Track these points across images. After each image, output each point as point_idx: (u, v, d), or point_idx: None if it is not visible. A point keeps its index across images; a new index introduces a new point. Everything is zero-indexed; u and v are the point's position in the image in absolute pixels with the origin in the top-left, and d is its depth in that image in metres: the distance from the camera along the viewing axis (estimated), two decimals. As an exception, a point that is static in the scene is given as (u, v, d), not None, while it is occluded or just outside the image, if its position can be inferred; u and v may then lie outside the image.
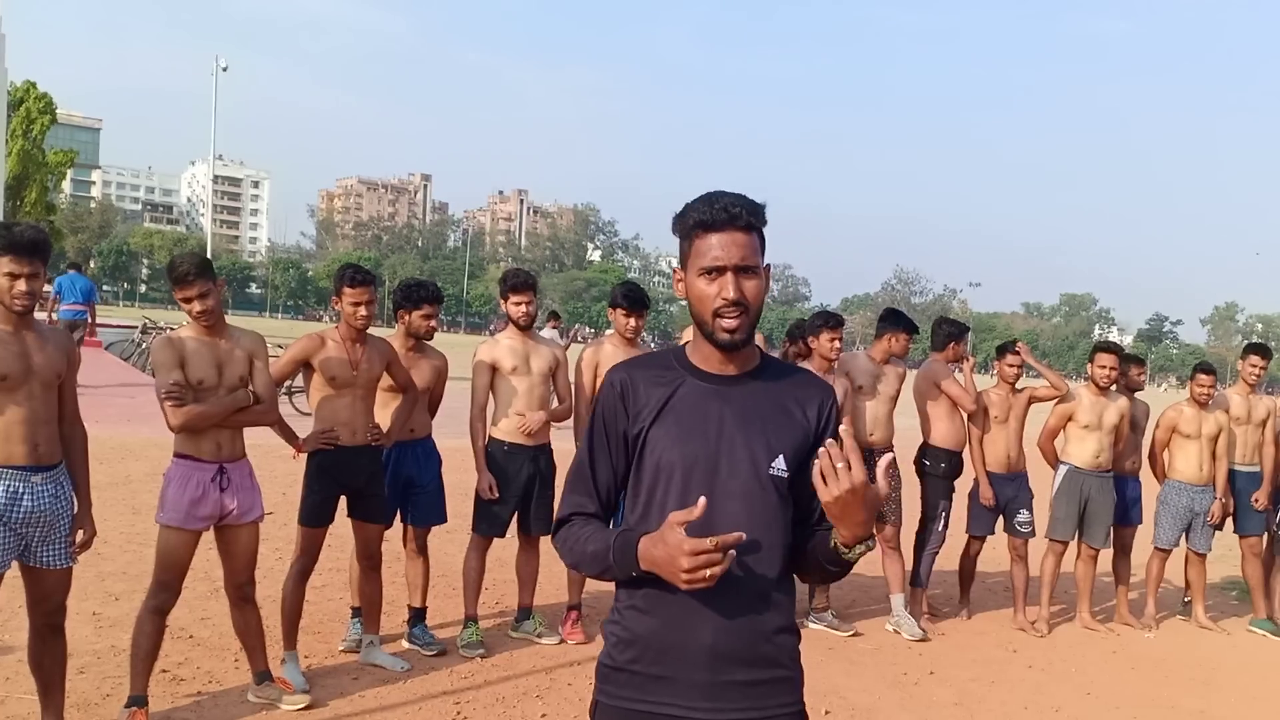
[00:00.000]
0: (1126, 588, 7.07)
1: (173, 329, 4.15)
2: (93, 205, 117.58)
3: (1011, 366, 6.67)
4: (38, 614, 3.59)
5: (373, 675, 4.72)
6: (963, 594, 6.88)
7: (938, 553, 6.50)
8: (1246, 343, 8.00)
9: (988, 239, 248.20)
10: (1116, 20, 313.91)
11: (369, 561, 4.89)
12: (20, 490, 3.37)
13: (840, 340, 6.02)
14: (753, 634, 1.90)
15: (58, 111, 49.19)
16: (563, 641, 5.43)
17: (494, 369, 5.26)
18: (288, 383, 4.56)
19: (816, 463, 1.70)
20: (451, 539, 6.69)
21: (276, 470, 8.15)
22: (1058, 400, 6.76)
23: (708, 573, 1.71)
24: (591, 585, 5.78)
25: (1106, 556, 6.95)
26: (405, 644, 5.16)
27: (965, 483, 6.59)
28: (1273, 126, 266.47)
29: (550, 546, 2.25)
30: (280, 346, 7.91)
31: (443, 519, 5.35)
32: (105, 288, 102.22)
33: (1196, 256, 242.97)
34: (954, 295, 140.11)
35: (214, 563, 4.57)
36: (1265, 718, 5.43)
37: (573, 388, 5.51)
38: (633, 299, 5.50)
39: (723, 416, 1.93)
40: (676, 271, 2.00)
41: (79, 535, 3.61)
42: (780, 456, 1.92)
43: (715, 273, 1.88)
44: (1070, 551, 6.80)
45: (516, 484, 5.24)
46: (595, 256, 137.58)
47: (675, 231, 1.96)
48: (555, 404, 5.49)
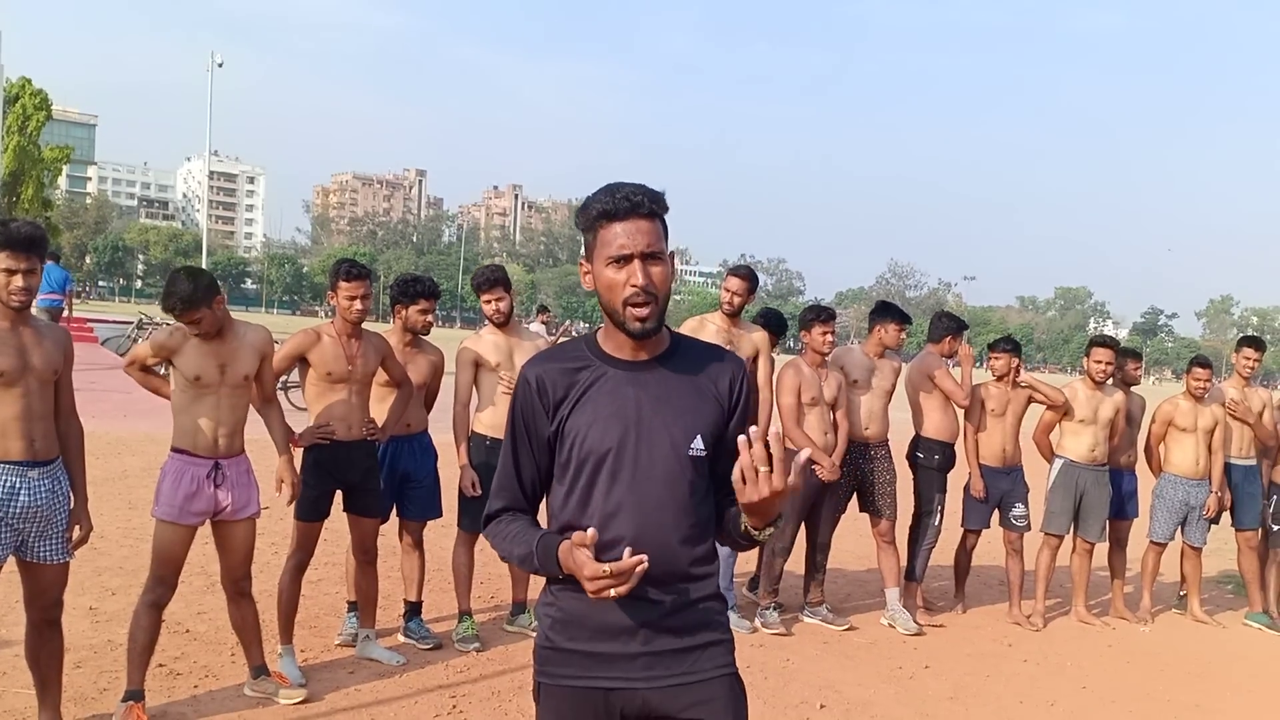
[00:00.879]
0: (1122, 582, 7.08)
1: (169, 324, 4.15)
2: (88, 201, 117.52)
3: (999, 359, 6.66)
4: (34, 609, 3.59)
5: (369, 669, 4.73)
6: (958, 588, 6.89)
7: (933, 547, 6.50)
8: (1241, 336, 8.00)
9: (983, 232, 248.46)
10: (1111, 14, 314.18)
11: (365, 556, 4.89)
12: (17, 485, 3.37)
13: (833, 334, 6.02)
14: (681, 606, 1.97)
15: (53, 108, 48.95)
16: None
17: (477, 364, 5.26)
18: (283, 378, 4.56)
19: (738, 464, 1.73)
20: (447, 533, 6.64)
21: (274, 464, 8.11)
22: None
23: (612, 592, 1.78)
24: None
25: (1102, 550, 6.96)
26: (401, 638, 5.17)
27: (960, 477, 6.60)
28: (1273, 126, 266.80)
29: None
30: (276, 342, 7.89)
31: (438, 513, 5.34)
32: (101, 283, 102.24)
33: (1191, 250, 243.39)
34: (949, 289, 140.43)
35: (210, 557, 4.58)
36: (1260, 711, 5.45)
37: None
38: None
39: (640, 402, 1.97)
40: (583, 264, 2.02)
41: (75, 530, 3.61)
42: (699, 437, 1.98)
43: (622, 261, 1.91)
44: (1066, 545, 6.81)
45: None
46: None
47: (578, 224, 1.99)
48: None
